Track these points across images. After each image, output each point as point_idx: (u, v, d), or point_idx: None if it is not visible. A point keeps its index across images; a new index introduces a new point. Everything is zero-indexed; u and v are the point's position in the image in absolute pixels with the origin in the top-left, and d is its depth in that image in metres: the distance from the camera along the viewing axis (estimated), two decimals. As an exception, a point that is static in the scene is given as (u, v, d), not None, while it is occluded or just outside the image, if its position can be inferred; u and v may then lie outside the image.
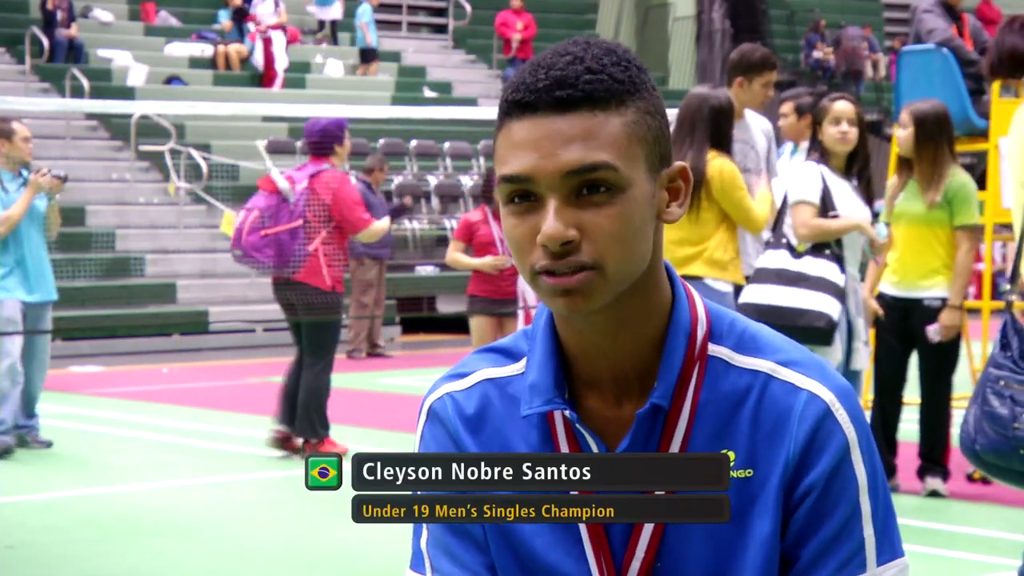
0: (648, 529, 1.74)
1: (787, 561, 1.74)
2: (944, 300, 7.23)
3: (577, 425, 1.75)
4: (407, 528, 1.86)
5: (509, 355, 1.84)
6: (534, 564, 1.77)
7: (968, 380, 8.45)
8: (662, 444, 1.74)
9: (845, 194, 6.73)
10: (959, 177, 7.25)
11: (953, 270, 7.24)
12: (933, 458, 7.45)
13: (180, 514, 7.55)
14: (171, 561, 6.54)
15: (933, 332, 7.15)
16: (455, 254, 9.66)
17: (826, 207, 6.67)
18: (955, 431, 7.52)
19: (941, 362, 7.33)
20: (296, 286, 8.83)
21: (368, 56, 23.38)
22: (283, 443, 9.03)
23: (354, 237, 9.09)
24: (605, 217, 1.66)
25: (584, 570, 1.76)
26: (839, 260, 6.62)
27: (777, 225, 6.78)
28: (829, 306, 6.45)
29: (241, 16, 22.55)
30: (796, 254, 6.61)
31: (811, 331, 6.44)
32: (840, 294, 6.51)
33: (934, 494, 7.38)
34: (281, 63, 22.06)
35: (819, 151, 6.79)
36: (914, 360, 7.45)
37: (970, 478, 7.83)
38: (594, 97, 1.67)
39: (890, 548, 1.74)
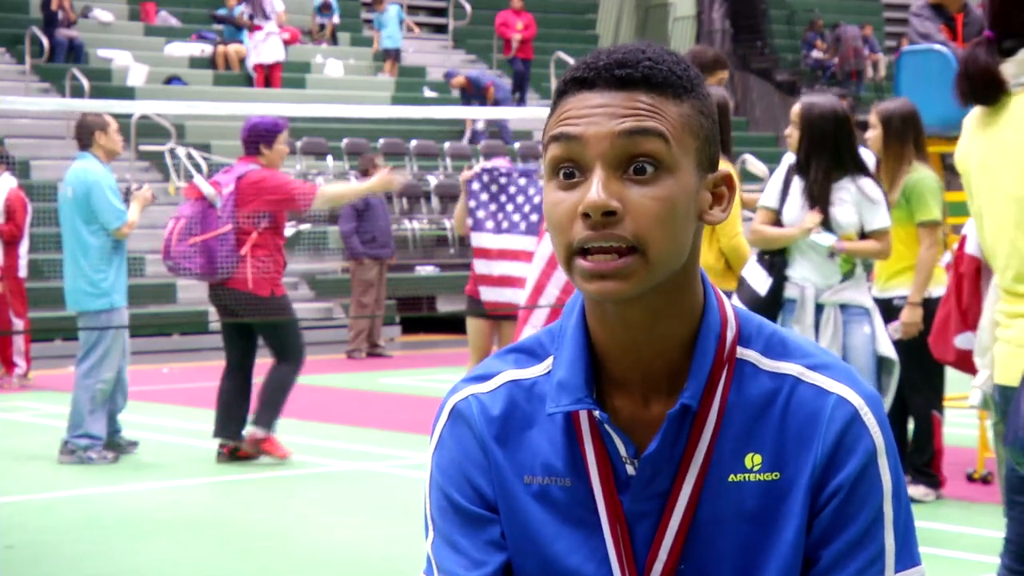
0: (672, 530, 1.73)
1: (808, 561, 1.74)
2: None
3: (605, 425, 1.74)
4: (408, 529, 1.87)
5: (533, 355, 1.82)
6: (556, 567, 1.76)
7: (968, 381, 8.43)
8: (689, 445, 1.73)
9: (794, 198, 6.47)
10: (916, 173, 7.18)
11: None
12: (915, 465, 7.36)
13: (180, 514, 7.55)
14: (171, 561, 6.54)
15: (892, 330, 7.01)
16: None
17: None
18: (950, 431, 7.51)
19: (918, 366, 7.22)
20: (231, 291, 8.65)
21: (393, 55, 23.57)
22: (232, 455, 8.80)
23: (313, 208, 8.82)
24: (650, 197, 1.65)
25: (606, 572, 1.75)
26: (770, 267, 6.43)
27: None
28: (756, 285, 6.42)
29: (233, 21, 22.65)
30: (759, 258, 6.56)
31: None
32: (756, 301, 6.32)
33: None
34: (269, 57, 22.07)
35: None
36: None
37: (970, 478, 7.83)
38: (652, 81, 1.67)
39: (908, 556, 1.75)
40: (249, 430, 8.79)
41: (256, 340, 8.89)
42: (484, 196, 8.99)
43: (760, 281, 6.42)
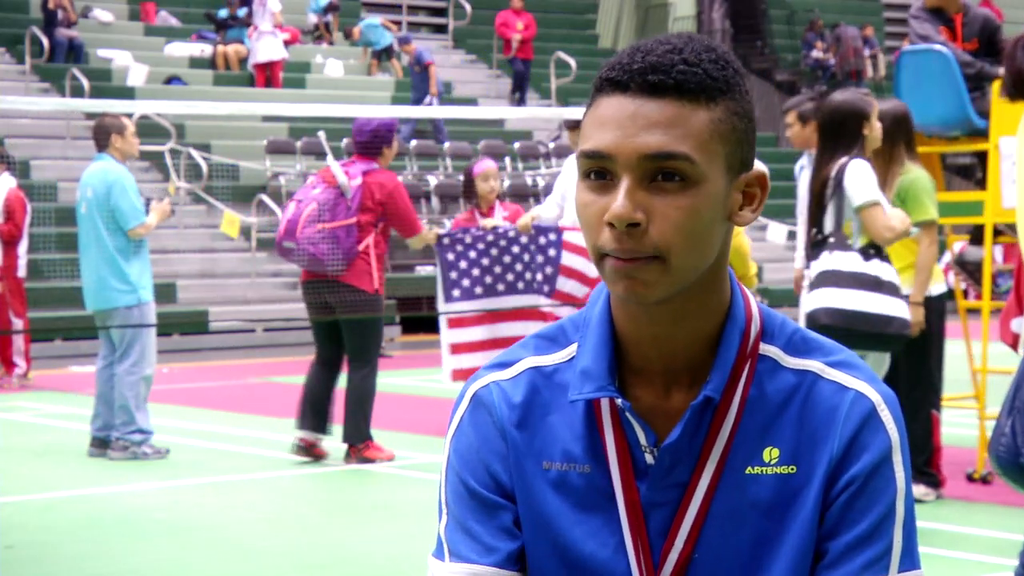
0: (688, 520, 1.75)
1: (817, 554, 1.75)
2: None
3: (627, 413, 1.76)
4: (408, 529, 1.86)
5: (555, 342, 1.84)
6: (572, 553, 1.78)
7: (968, 381, 8.44)
8: (709, 437, 1.75)
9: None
10: (911, 174, 7.16)
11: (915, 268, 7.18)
12: (915, 464, 7.36)
13: (180, 514, 7.55)
14: (171, 561, 6.54)
15: None
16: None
17: None
18: (950, 431, 7.52)
19: (917, 362, 7.24)
20: (339, 287, 8.62)
21: (389, 53, 23.60)
22: (309, 451, 8.83)
23: (406, 241, 8.89)
24: (675, 207, 1.67)
25: (622, 560, 1.76)
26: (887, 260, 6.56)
27: (836, 226, 6.56)
28: (907, 312, 6.42)
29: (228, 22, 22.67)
30: (867, 256, 6.46)
31: (898, 339, 6.38)
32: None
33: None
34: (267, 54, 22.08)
35: (860, 148, 6.65)
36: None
37: (970, 478, 7.82)
38: (684, 87, 1.68)
39: (910, 558, 1.76)
40: (350, 444, 8.75)
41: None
42: (464, 262, 8.88)
43: (897, 279, 6.49)
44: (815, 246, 6.57)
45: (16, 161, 14.31)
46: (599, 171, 1.70)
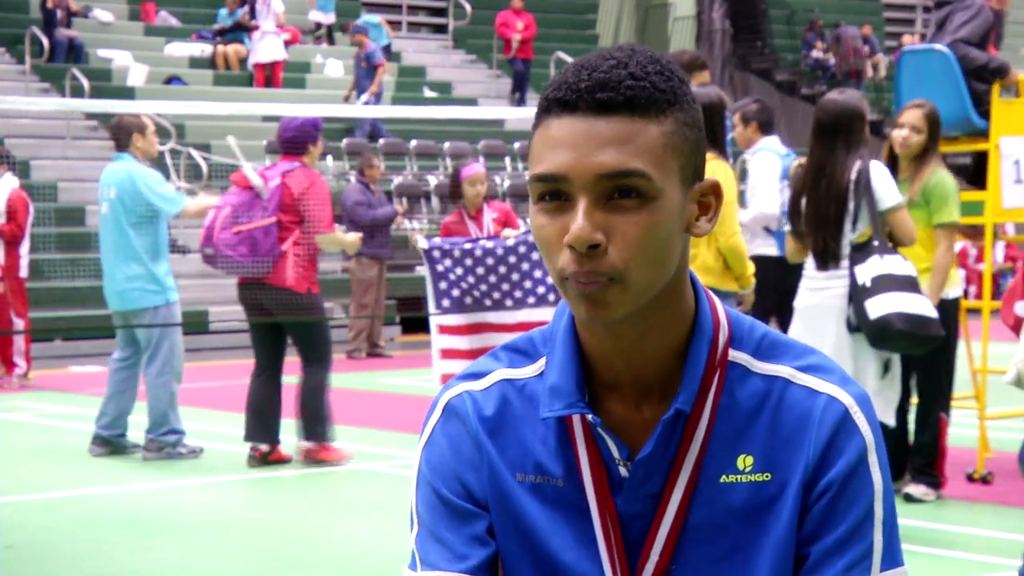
0: (663, 531, 1.75)
1: (798, 559, 1.75)
2: None
3: (598, 429, 1.75)
4: (407, 529, 1.86)
5: (526, 355, 1.84)
6: (549, 564, 1.77)
7: (968, 381, 8.44)
8: (682, 447, 1.75)
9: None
10: (937, 174, 7.21)
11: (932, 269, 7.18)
12: (918, 464, 7.35)
13: (180, 514, 7.55)
14: (171, 561, 6.54)
15: None
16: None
17: None
18: (949, 431, 7.50)
19: (930, 365, 7.23)
20: (270, 288, 8.55)
21: (388, 53, 23.59)
22: (263, 459, 8.72)
23: (316, 239, 8.72)
24: (634, 224, 1.66)
25: (598, 572, 1.76)
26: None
27: (875, 229, 6.59)
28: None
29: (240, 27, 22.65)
30: (904, 258, 6.56)
31: (935, 339, 6.50)
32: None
33: (908, 498, 7.26)
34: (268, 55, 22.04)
35: (866, 148, 6.71)
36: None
37: (970, 478, 7.82)
38: (634, 103, 1.67)
39: (891, 556, 1.76)
40: (304, 445, 8.73)
41: (286, 340, 8.80)
42: (455, 273, 8.78)
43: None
44: (857, 249, 6.56)
45: (16, 161, 14.30)
46: (554, 192, 1.68)
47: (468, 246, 8.72)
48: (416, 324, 17.86)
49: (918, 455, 7.37)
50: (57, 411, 11.52)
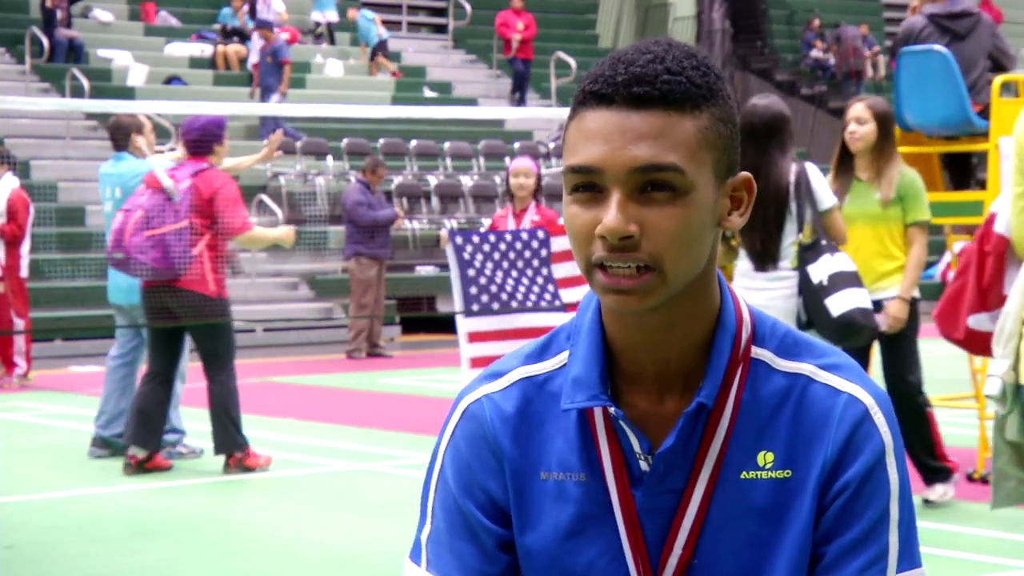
0: (685, 526, 1.76)
1: (813, 558, 1.76)
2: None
3: (620, 422, 1.76)
4: (408, 529, 1.87)
5: (546, 350, 1.84)
6: (570, 562, 1.78)
7: (968, 381, 8.44)
8: (703, 443, 1.76)
9: None
10: (909, 173, 7.25)
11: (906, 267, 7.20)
12: (924, 463, 7.32)
13: (180, 514, 7.55)
14: (171, 561, 6.54)
15: (880, 321, 7.01)
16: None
17: None
18: (950, 431, 7.50)
19: (898, 360, 7.22)
20: (179, 292, 8.39)
21: (384, 50, 23.58)
22: (139, 467, 8.50)
23: (233, 240, 8.59)
24: (667, 217, 1.67)
25: (621, 567, 1.77)
26: None
27: (821, 228, 6.67)
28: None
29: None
30: (846, 255, 6.70)
31: (873, 331, 6.74)
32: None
33: (927, 502, 7.23)
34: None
35: (791, 150, 6.81)
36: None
37: (970, 478, 7.82)
38: (670, 98, 1.68)
39: (909, 558, 1.76)
40: (227, 455, 8.54)
41: (184, 346, 8.66)
42: (473, 269, 8.66)
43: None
44: (807, 249, 6.63)
45: (16, 161, 14.31)
46: (587, 184, 1.69)
47: (493, 238, 8.71)
48: (416, 324, 17.87)
49: (921, 452, 7.37)
50: (57, 411, 11.52)
